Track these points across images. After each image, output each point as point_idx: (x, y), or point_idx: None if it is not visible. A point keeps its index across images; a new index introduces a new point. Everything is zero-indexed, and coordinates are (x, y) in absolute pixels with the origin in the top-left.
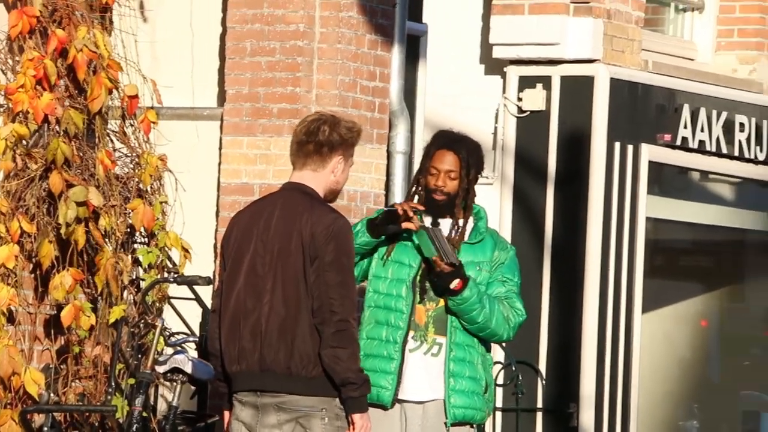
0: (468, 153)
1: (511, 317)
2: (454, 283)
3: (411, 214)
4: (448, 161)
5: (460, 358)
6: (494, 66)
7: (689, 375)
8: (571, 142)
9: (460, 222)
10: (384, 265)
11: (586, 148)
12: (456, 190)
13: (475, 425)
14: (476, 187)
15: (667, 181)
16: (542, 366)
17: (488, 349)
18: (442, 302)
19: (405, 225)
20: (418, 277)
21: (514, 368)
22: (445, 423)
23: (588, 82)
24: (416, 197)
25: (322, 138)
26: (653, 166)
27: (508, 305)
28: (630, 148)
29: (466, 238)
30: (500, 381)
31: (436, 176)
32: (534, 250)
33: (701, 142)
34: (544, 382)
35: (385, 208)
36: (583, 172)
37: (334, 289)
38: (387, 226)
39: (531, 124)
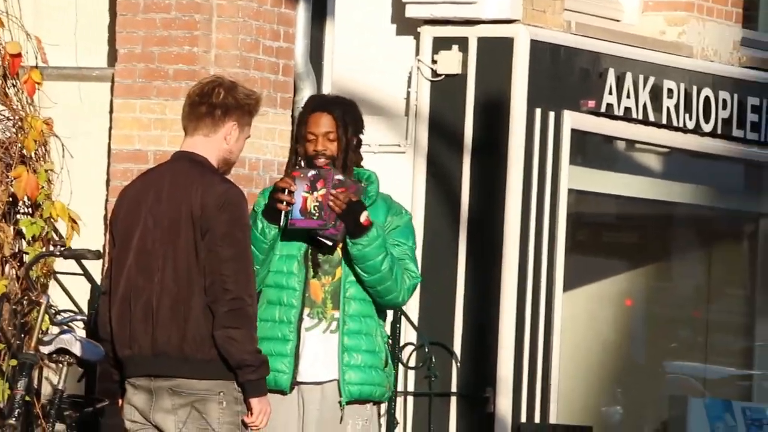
0: (343, 112)
1: (406, 279)
2: (364, 215)
3: (290, 198)
4: (324, 123)
5: (355, 330)
6: (407, 26)
7: (613, 357)
8: (489, 109)
9: None
10: None
11: (504, 114)
12: (336, 151)
13: (375, 403)
14: (386, 156)
15: (591, 150)
16: (457, 347)
17: (383, 318)
18: (339, 275)
19: (281, 207)
20: (310, 252)
21: (427, 350)
22: (339, 402)
23: (507, 44)
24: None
25: (216, 100)
26: (576, 134)
27: (401, 266)
28: (552, 115)
29: None
30: (412, 363)
31: (314, 141)
32: (449, 223)
33: (627, 109)
34: (458, 364)
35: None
36: (502, 141)
37: (228, 264)
38: (281, 223)
39: (446, 89)
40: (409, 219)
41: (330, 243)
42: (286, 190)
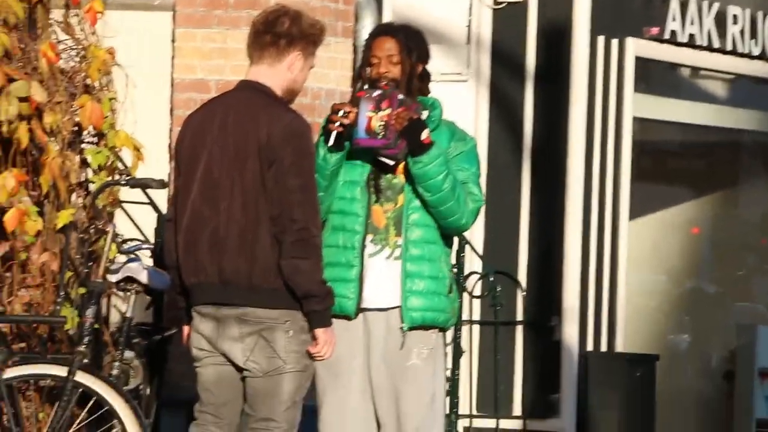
0: (407, 36)
1: (469, 201)
2: (425, 133)
3: (345, 120)
4: (387, 47)
5: (418, 256)
6: None
7: (680, 285)
8: (552, 36)
9: None
10: None
11: (567, 42)
12: (400, 75)
13: (440, 330)
14: (448, 85)
15: (655, 77)
16: (522, 276)
17: (449, 245)
18: (401, 202)
19: (332, 127)
20: (372, 177)
21: (491, 279)
22: (401, 328)
23: None
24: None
25: (281, 29)
26: (640, 61)
27: (465, 189)
28: (615, 42)
29: None
30: (477, 292)
31: (377, 64)
32: (512, 152)
33: (691, 36)
34: (524, 293)
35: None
36: (565, 69)
37: (294, 194)
38: (338, 142)
39: (508, 17)
40: (473, 145)
41: (392, 162)
42: (341, 111)
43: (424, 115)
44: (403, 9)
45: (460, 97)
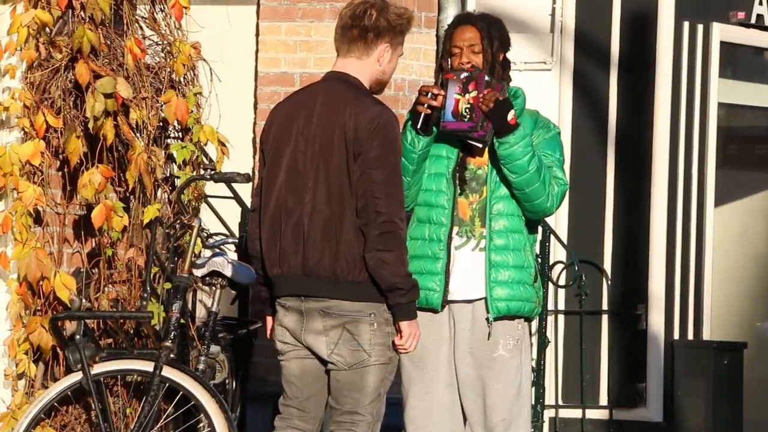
0: (488, 24)
1: (554, 185)
2: (511, 114)
3: (434, 102)
4: (468, 36)
5: (503, 246)
6: None
7: (766, 272)
8: (636, 23)
9: None
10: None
11: (652, 28)
12: (482, 64)
13: (526, 319)
14: (532, 74)
15: (741, 62)
16: (607, 265)
17: (533, 234)
18: (485, 193)
19: (421, 109)
20: (458, 169)
21: (577, 268)
22: (487, 318)
23: None
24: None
25: (368, 23)
26: (725, 46)
27: (549, 173)
28: (700, 27)
29: None
30: (562, 282)
31: (459, 55)
32: (597, 140)
33: None
34: (609, 282)
35: (411, 111)
36: (650, 55)
37: (380, 187)
38: (426, 125)
39: (592, 4)
40: (557, 133)
41: (480, 145)
42: (430, 93)
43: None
44: None
45: (544, 86)
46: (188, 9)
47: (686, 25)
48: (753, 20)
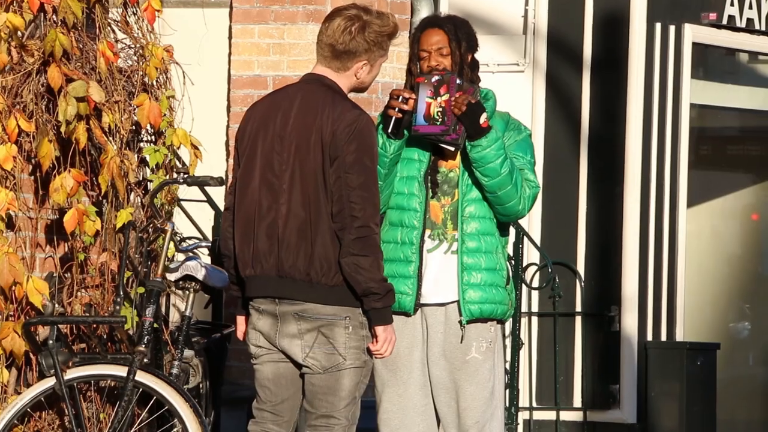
0: (455, 27)
1: (526, 187)
2: (483, 117)
3: (405, 106)
4: (435, 39)
5: (474, 249)
6: None
7: (739, 272)
8: (608, 24)
9: None
10: None
11: (624, 29)
12: (450, 66)
13: (498, 322)
14: (505, 75)
15: (713, 63)
16: (580, 267)
17: (505, 236)
18: (457, 196)
19: (392, 113)
20: (429, 172)
21: (550, 270)
22: (460, 321)
23: None
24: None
25: (346, 42)
26: (697, 47)
27: (521, 176)
28: (672, 28)
29: None
30: (536, 284)
31: (427, 58)
32: (570, 141)
33: (749, 21)
34: (582, 284)
35: (381, 114)
36: (622, 56)
37: (356, 192)
38: (397, 129)
39: (564, 5)
40: (528, 135)
41: (452, 148)
42: (401, 97)
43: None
44: (460, 0)
45: (517, 87)
46: (161, 12)
47: (658, 26)
48: (724, 21)
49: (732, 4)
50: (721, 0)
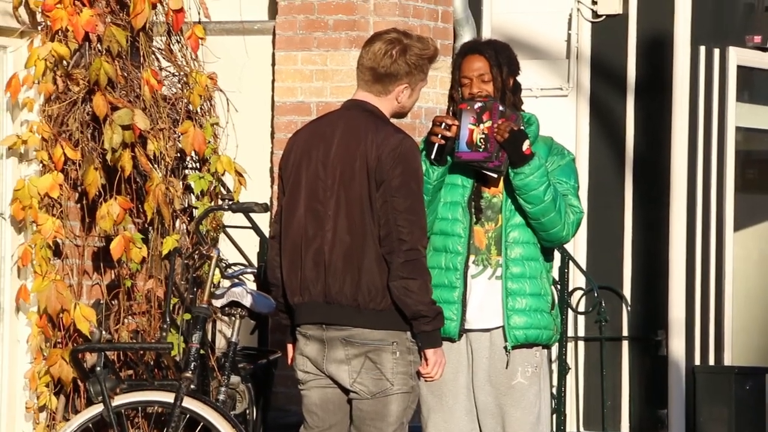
0: (496, 52)
1: (570, 213)
2: (526, 144)
3: (448, 133)
4: (476, 66)
5: (519, 274)
6: None
7: None
8: (652, 48)
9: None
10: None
11: (668, 53)
12: (493, 92)
13: (544, 347)
14: (549, 100)
15: (758, 86)
16: (627, 291)
17: (549, 261)
18: (501, 221)
19: (435, 140)
20: (473, 198)
21: (596, 294)
22: (505, 347)
23: None
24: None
25: (387, 66)
26: (742, 70)
27: (565, 201)
28: (716, 51)
29: None
30: (582, 308)
31: (468, 85)
32: (614, 166)
33: None
34: (629, 308)
35: (425, 141)
36: (666, 80)
37: (403, 215)
38: (440, 156)
39: (607, 29)
40: (571, 159)
41: (495, 175)
42: (443, 123)
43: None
44: (502, 25)
45: (561, 112)
46: (204, 40)
47: (702, 49)
48: None
49: None
50: (765, 23)
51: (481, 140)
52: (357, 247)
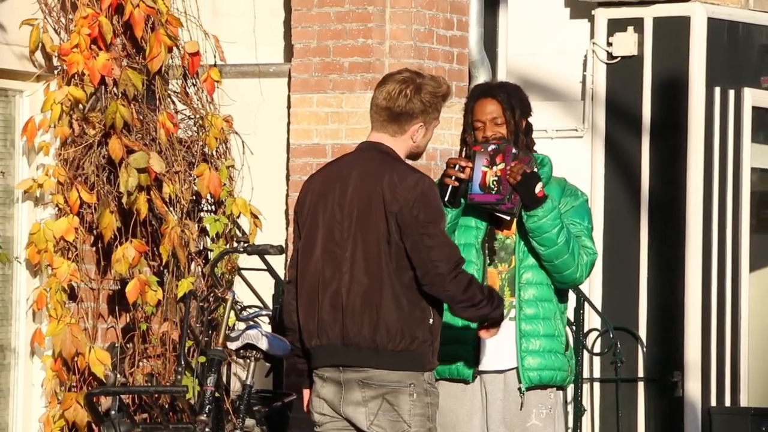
0: (508, 95)
1: (583, 254)
2: (539, 187)
3: (461, 175)
4: (489, 109)
5: (532, 315)
6: (581, 8)
7: None
8: (667, 89)
9: None
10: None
11: (683, 94)
12: (506, 135)
13: (559, 388)
14: (564, 141)
15: None
16: (642, 332)
17: (563, 302)
18: (514, 262)
19: (449, 182)
20: (487, 239)
21: (611, 335)
22: (519, 388)
23: (683, 23)
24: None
25: (402, 106)
26: (757, 111)
27: (578, 242)
28: (731, 93)
29: None
30: (597, 349)
31: (481, 129)
32: (630, 206)
33: None
34: (644, 349)
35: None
36: (681, 121)
37: (434, 251)
38: (454, 197)
39: (622, 71)
40: (584, 200)
41: (507, 218)
42: (457, 165)
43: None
44: (517, 67)
45: (576, 153)
46: (220, 83)
47: (717, 90)
48: None
49: None
50: None
51: (494, 182)
52: (375, 288)
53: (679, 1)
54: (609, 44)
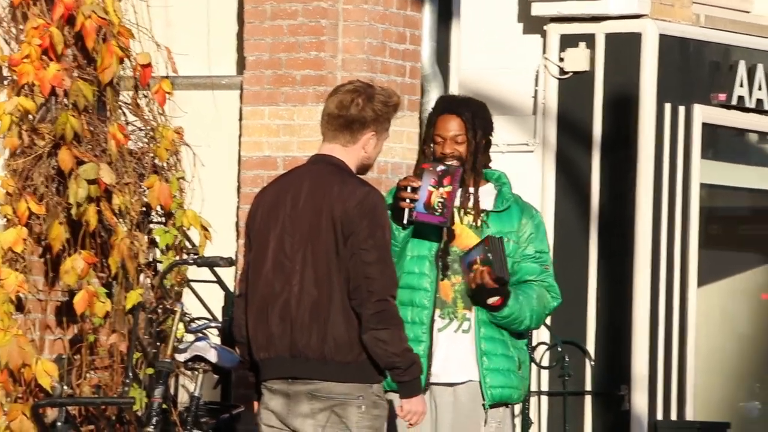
0: (473, 114)
1: (546, 305)
2: (492, 300)
3: (415, 196)
4: (452, 126)
5: (491, 336)
6: (534, 24)
7: (749, 352)
8: (618, 105)
9: (471, 189)
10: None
11: (633, 110)
12: (465, 154)
13: (510, 405)
14: (514, 156)
15: (722, 144)
16: (590, 346)
17: None
18: None
19: (404, 205)
20: (440, 253)
21: (560, 349)
22: (483, 405)
23: (635, 39)
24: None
25: (354, 113)
26: (707, 128)
27: (544, 290)
28: (681, 109)
29: (490, 206)
30: (545, 363)
31: (442, 144)
32: (580, 221)
33: (759, 101)
34: (592, 363)
35: (391, 204)
36: (631, 137)
37: (371, 267)
38: (410, 218)
39: (574, 86)
40: (540, 219)
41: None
42: (409, 188)
43: (492, 194)
44: (469, 81)
45: (527, 167)
46: (171, 94)
47: (668, 106)
48: (734, 102)
49: (741, 85)
50: (730, 81)
51: (439, 204)
52: (324, 300)
53: (631, 17)
54: (561, 59)
